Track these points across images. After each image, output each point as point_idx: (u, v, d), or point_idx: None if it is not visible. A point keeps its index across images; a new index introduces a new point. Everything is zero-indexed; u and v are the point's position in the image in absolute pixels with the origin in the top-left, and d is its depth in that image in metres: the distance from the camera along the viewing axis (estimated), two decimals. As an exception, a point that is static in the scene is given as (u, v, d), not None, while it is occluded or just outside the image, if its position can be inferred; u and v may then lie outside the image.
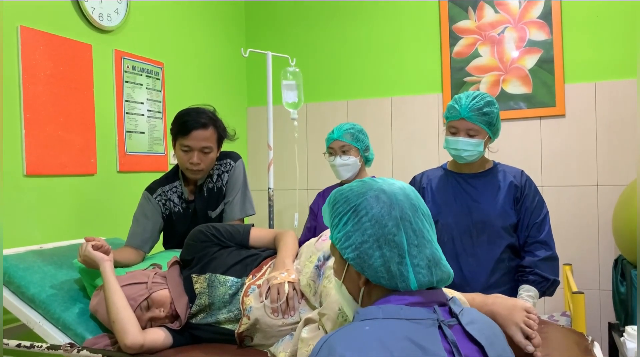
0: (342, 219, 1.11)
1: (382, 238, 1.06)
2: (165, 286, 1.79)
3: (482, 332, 1.04)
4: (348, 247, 1.09)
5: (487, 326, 1.08)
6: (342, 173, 2.56)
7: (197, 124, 2.15)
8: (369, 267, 1.06)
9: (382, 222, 1.06)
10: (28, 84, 2.32)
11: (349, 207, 1.10)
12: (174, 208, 2.30)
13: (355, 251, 1.07)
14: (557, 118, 3.24)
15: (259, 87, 3.98)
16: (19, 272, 1.94)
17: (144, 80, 3.01)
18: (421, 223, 1.09)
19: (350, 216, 1.10)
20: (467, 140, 1.99)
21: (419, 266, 1.06)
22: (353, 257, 1.08)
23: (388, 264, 1.05)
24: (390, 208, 1.08)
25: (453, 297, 1.09)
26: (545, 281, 1.94)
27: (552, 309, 3.15)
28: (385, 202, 1.08)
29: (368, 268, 1.06)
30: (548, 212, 2.06)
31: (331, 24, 3.80)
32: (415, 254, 1.06)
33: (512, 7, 3.31)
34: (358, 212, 1.09)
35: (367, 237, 1.07)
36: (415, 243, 1.07)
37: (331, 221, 1.15)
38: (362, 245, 1.07)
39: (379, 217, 1.07)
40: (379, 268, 1.05)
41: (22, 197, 2.31)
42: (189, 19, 3.45)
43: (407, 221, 1.07)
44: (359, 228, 1.08)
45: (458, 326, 1.02)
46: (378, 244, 1.06)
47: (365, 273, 1.07)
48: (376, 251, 1.06)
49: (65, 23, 2.53)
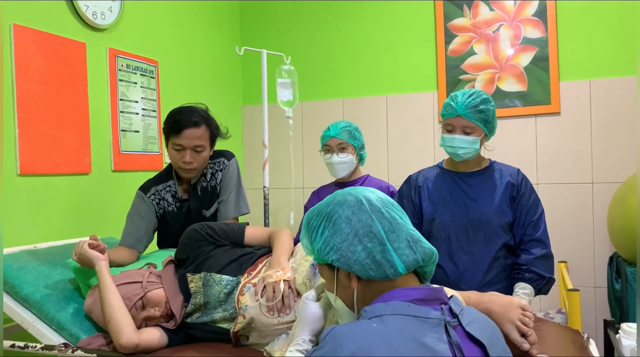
0: (319, 229, 1.15)
1: (360, 231, 1.10)
2: (160, 285, 1.78)
3: (483, 332, 1.04)
4: (330, 250, 1.12)
5: (486, 325, 1.09)
6: (339, 171, 2.55)
7: (189, 122, 2.14)
8: (355, 262, 1.09)
9: (355, 218, 1.12)
10: (21, 82, 2.31)
11: (322, 218, 1.15)
12: (168, 207, 2.29)
13: (338, 251, 1.11)
14: (552, 116, 3.25)
15: (254, 86, 3.97)
16: (13, 272, 1.93)
17: (139, 79, 3.00)
18: (392, 212, 1.14)
19: (325, 223, 1.14)
20: (463, 137, 1.99)
21: (400, 248, 1.10)
22: (337, 257, 1.11)
23: (372, 255, 1.08)
24: (359, 204, 1.13)
25: (453, 296, 1.10)
26: (540, 279, 1.95)
27: (548, 307, 3.15)
28: (353, 201, 1.14)
29: (354, 263, 1.09)
30: (544, 210, 2.06)
31: (326, 22, 3.80)
32: (394, 239, 1.10)
33: (507, 5, 3.31)
34: (331, 217, 1.14)
35: (345, 236, 1.11)
36: (392, 229, 1.11)
37: (310, 240, 1.18)
38: (343, 243, 1.10)
39: (350, 215, 1.12)
40: (365, 261, 1.08)
41: (16, 197, 2.30)
42: (184, 17, 3.44)
43: (377, 212, 1.12)
44: (336, 230, 1.12)
45: (459, 326, 1.03)
46: (358, 238, 1.10)
47: (353, 270, 1.09)
48: (358, 245, 1.09)
49: (58, 21, 2.51)
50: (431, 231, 2.07)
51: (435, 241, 2.04)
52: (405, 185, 2.22)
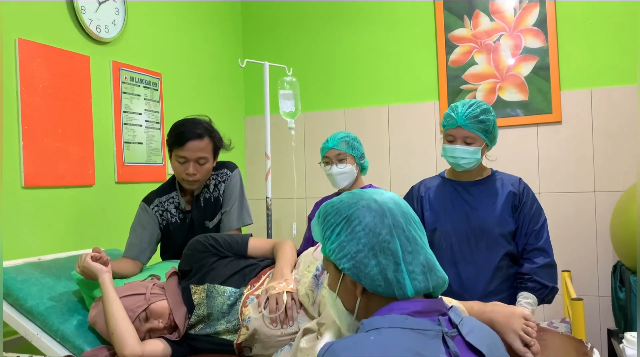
0: (335, 230, 1.11)
1: (376, 246, 1.06)
2: (163, 296, 1.79)
3: (483, 341, 1.04)
4: (343, 257, 1.09)
5: (486, 335, 1.09)
6: (339, 182, 2.56)
7: (192, 134, 2.16)
8: (366, 276, 1.06)
9: (375, 231, 1.07)
10: (26, 95, 2.33)
11: (341, 218, 1.11)
12: (171, 219, 2.30)
13: (351, 260, 1.07)
14: (553, 125, 3.25)
15: (256, 97, 3.99)
16: (17, 284, 1.93)
17: (142, 91, 3.02)
18: (413, 230, 1.10)
19: (343, 226, 1.10)
20: (464, 148, 2.00)
21: (414, 272, 1.06)
22: (349, 267, 1.08)
23: (384, 272, 1.05)
24: (382, 216, 1.08)
25: (453, 307, 1.09)
26: (543, 288, 1.95)
27: (552, 316, 3.15)
28: (377, 211, 1.09)
29: (365, 277, 1.06)
30: (546, 219, 2.07)
31: (327, 33, 3.82)
32: (410, 261, 1.06)
33: (508, 15, 3.33)
34: (351, 222, 1.09)
35: (361, 247, 1.07)
36: (409, 250, 1.07)
37: (322, 233, 1.15)
38: (358, 254, 1.07)
39: (372, 225, 1.07)
40: (376, 277, 1.05)
41: (20, 209, 2.31)
42: (186, 30, 3.47)
43: (399, 228, 1.08)
44: (353, 238, 1.08)
45: (459, 337, 1.03)
46: (373, 253, 1.06)
47: (362, 282, 1.07)
48: (372, 260, 1.06)
49: (63, 35, 2.54)
50: (433, 241, 2.07)
51: (437, 250, 2.04)
52: (407, 195, 2.23)
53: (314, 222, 1.19)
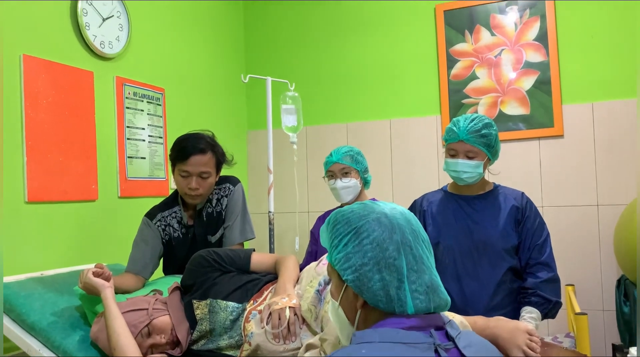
0: (343, 240, 1.11)
1: (382, 261, 1.06)
2: (166, 312, 1.78)
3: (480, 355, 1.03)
4: (348, 268, 1.08)
5: (484, 349, 1.08)
6: (343, 196, 2.57)
7: (195, 149, 2.17)
8: (368, 290, 1.06)
9: (383, 246, 1.06)
10: (30, 111, 2.34)
11: (350, 229, 1.10)
12: (174, 233, 2.30)
13: (355, 272, 1.07)
14: (555, 138, 3.26)
15: (259, 111, 4.01)
16: (20, 299, 1.93)
17: (145, 106, 3.04)
18: (421, 249, 1.09)
19: (352, 237, 1.10)
20: (467, 162, 2.01)
21: (417, 291, 1.05)
22: (352, 279, 1.07)
23: (387, 288, 1.05)
24: (391, 232, 1.08)
25: (451, 321, 1.09)
26: (547, 303, 1.94)
27: (556, 331, 3.12)
28: (387, 226, 1.08)
29: (367, 291, 1.06)
30: (549, 233, 2.06)
31: (329, 48, 3.85)
32: (414, 280, 1.06)
33: (508, 30, 3.35)
34: (359, 234, 1.09)
35: (367, 260, 1.06)
36: (415, 268, 1.06)
37: (330, 241, 1.15)
38: (362, 267, 1.06)
39: (380, 240, 1.07)
40: (378, 292, 1.05)
41: (24, 224, 2.32)
42: (190, 45, 3.50)
43: (407, 245, 1.07)
44: (360, 250, 1.08)
45: (455, 349, 1.02)
46: (378, 268, 1.06)
47: (363, 295, 1.07)
48: (376, 274, 1.06)
49: (67, 51, 2.56)
50: (436, 255, 2.07)
51: (440, 265, 2.03)
52: (410, 209, 2.22)
53: (323, 228, 1.19)
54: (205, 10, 3.68)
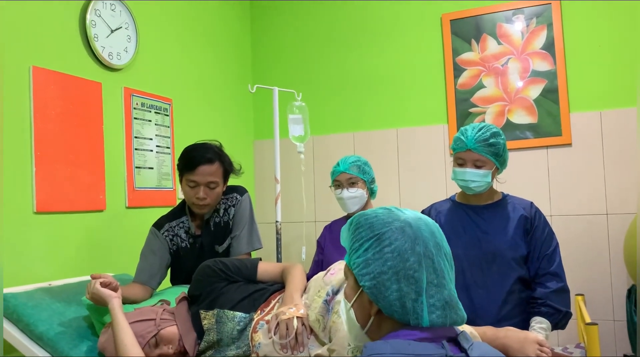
0: (364, 245, 1.09)
1: (401, 272, 1.04)
2: (173, 322, 1.78)
3: None
4: (366, 274, 1.07)
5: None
6: (349, 206, 2.56)
7: (203, 159, 2.17)
8: (384, 299, 1.04)
9: (404, 256, 1.05)
10: (39, 122, 2.36)
11: (373, 234, 1.09)
12: (181, 243, 2.30)
13: (373, 280, 1.06)
14: (563, 147, 3.24)
15: (266, 121, 4.02)
16: (28, 310, 1.94)
17: (153, 117, 3.05)
18: (442, 263, 1.08)
19: (373, 243, 1.08)
20: (475, 171, 2.00)
21: (435, 306, 1.04)
22: (369, 286, 1.06)
23: (403, 299, 1.03)
24: (414, 243, 1.06)
25: (463, 332, 1.08)
26: (557, 313, 1.92)
27: (566, 341, 3.09)
28: (410, 236, 1.06)
29: (383, 300, 1.05)
30: (558, 243, 2.05)
31: (336, 58, 3.86)
32: (433, 294, 1.04)
33: (515, 39, 3.35)
34: (381, 241, 1.07)
35: (386, 269, 1.05)
36: (435, 282, 1.05)
37: (351, 244, 1.13)
38: (381, 275, 1.05)
39: (401, 250, 1.05)
40: (394, 302, 1.04)
41: (32, 235, 2.33)
42: (197, 56, 3.52)
43: (429, 258, 1.06)
44: (380, 258, 1.06)
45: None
46: (397, 278, 1.04)
47: (379, 304, 1.05)
48: (394, 284, 1.04)
49: (76, 62, 2.58)
50: (445, 265, 2.05)
51: (449, 275, 2.02)
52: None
53: (345, 228, 1.17)
54: (213, 21, 3.71)
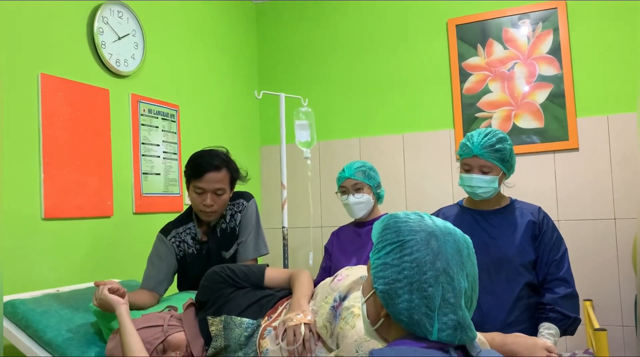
0: (386, 247, 1.08)
1: (415, 284, 1.03)
2: (181, 328, 1.78)
3: None
4: (381, 278, 1.07)
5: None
6: (356, 211, 2.56)
7: (210, 166, 2.17)
8: (393, 306, 1.04)
9: (422, 269, 1.03)
10: (47, 129, 2.37)
11: (397, 240, 1.08)
12: (188, 249, 2.31)
13: (386, 285, 1.05)
14: (570, 152, 3.23)
15: (272, 127, 4.03)
16: (36, 316, 1.94)
17: (160, 123, 3.07)
18: (464, 284, 1.05)
19: (395, 248, 1.07)
20: (481, 177, 2.00)
21: (447, 324, 1.02)
22: (382, 290, 1.06)
23: (412, 311, 1.02)
24: (435, 258, 1.04)
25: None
26: (566, 319, 1.91)
27: (574, 347, 3.07)
28: (433, 250, 1.04)
29: (392, 306, 1.04)
30: (567, 248, 2.04)
31: (342, 63, 3.87)
32: (447, 312, 1.02)
33: (521, 44, 3.35)
34: (403, 249, 1.06)
35: (402, 277, 1.04)
36: (451, 302, 1.02)
37: (376, 242, 1.13)
38: (395, 283, 1.04)
39: (421, 262, 1.03)
40: (402, 311, 1.03)
41: (40, 241, 2.34)
42: (203, 62, 3.53)
43: (449, 276, 1.03)
44: (398, 265, 1.05)
45: None
46: (410, 289, 1.03)
47: (388, 309, 1.05)
48: (406, 294, 1.03)
49: (83, 69, 2.60)
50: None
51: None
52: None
53: (377, 224, 1.16)
54: (219, 27, 3.73)
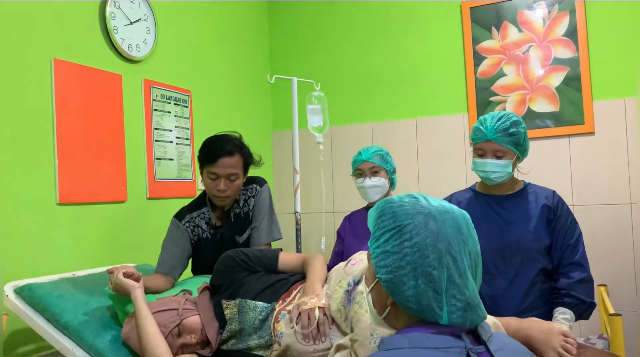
0: (385, 235, 1.05)
1: (419, 269, 0.99)
2: (196, 312, 1.80)
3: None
4: (383, 267, 1.03)
5: (517, 352, 1.04)
6: (371, 195, 2.55)
7: (223, 151, 2.17)
8: (400, 294, 1.01)
9: (424, 252, 0.99)
10: (61, 114, 2.38)
11: (395, 225, 1.04)
12: (202, 234, 2.32)
13: (390, 274, 1.02)
14: (586, 136, 3.19)
15: (284, 112, 4.02)
16: (53, 299, 1.97)
17: (172, 108, 3.07)
18: (467, 261, 1.02)
19: (394, 235, 1.03)
20: (495, 161, 1.97)
21: (455, 306, 0.99)
22: (386, 279, 1.02)
23: (419, 297, 0.99)
24: (436, 239, 1.00)
25: (483, 322, 1.05)
26: (581, 304, 1.90)
27: (588, 332, 3.06)
28: (433, 232, 1.01)
29: (398, 295, 1.01)
30: (581, 232, 2.02)
31: (355, 47, 3.84)
32: (455, 294, 0.99)
33: (537, 26, 3.30)
34: (402, 234, 1.02)
35: (404, 264, 1.00)
36: (457, 282, 0.99)
37: (373, 230, 1.09)
38: (398, 270, 1.01)
39: (422, 246, 1.00)
40: (410, 298, 1.00)
41: (56, 226, 2.36)
42: (215, 47, 3.52)
43: (451, 256, 1.00)
44: (399, 251, 1.01)
45: (487, 353, 0.99)
46: (414, 274, 0.99)
47: (394, 297, 1.02)
48: (411, 280, 1.00)
49: (96, 55, 2.60)
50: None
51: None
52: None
53: (372, 211, 1.13)
54: (231, 12, 3.70)
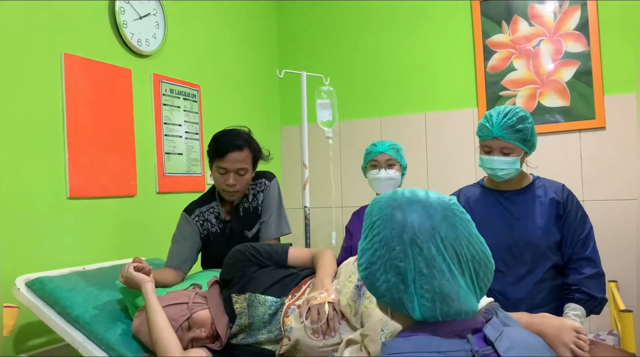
0: (364, 233, 1.06)
1: (388, 262, 0.99)
2: (205, 306, 1.80)
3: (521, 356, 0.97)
4: (360, 265, 1.05)
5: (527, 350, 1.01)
6: (384, 187, 2.53)
7: (232, 146, 2.18)
8: (376, 290, 1.02)
9: (390, 245, 0.99)
10: (71, 109, 2.39)
11: (369, 222, 1.05)
12: (212, 228, 2.32)
13: (365, 270, 1.03)
14: (597, 131, 3.17)
15: (293, 107, 4.01)
16: (64, 293, 1.98)
17: (182, 103, 3.07)
18: (435, 250, 0.98)
19: (368, 232, 1.05)
20: (502, 158, 1.93)
21: (425, 297, 0.97)
22: (363, 276, 1.04)
23: (392, 291, 0.99)
24: (401, 230, 0.99)
25: (492, 319, 1.04)
26: (592, 299, 1.87)
27: (598, 328, 3.05)
28: (398, 224, 1.00)
29: (375, 291, 1.02)
30: (592, 227, 1.99)
31: (364, 41, 3.82)
32: (423, 284, 0.97)
33: (547, 20, 3.27)
34: (373, 229, 1.03)
35: (376, 259, 1.01)
36: (424, 272, 0.97)
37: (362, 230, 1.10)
38: (371, 266, 1.02)
39: (388, 239, 1.00)
40: (385, 293, 1.00)
41: (66, 220, 2.37)
42: (224, 42, 3.52)
43: (417, 246, 0.98)
44: (371, 247, 1.03)
45: (494, 355, 0.96)
46: (385, 268, 1.00)
47: (372, 294, 1.03)
48: (382, 275, 1.00)
49: (106, 49, 2.61)
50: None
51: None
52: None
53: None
54: (239, 6, 3.70)
